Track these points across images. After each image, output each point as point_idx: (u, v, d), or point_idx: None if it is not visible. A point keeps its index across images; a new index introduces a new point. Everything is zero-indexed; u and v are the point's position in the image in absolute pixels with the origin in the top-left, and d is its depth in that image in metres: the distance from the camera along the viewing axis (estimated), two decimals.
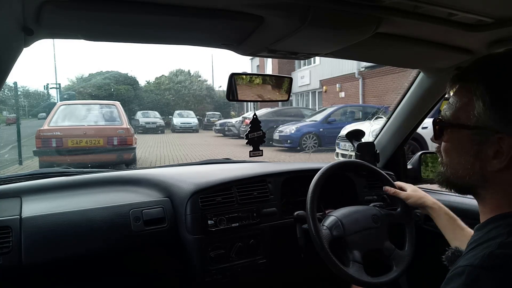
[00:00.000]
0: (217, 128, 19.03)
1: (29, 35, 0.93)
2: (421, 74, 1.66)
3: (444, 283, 0.66)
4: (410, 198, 1.34)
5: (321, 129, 11.27)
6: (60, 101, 13.03)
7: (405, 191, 1.38)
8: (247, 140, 1.54)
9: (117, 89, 23.99)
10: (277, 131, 11.79)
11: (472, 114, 0.71)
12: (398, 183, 1.44)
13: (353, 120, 11.09)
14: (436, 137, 0.80)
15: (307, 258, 1.34)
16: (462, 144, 0.74)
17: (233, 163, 2.00)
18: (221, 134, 17.94)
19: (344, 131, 7.62)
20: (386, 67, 11.78)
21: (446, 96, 0.82)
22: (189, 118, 23.16)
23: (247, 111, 21.05)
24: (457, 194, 1.65)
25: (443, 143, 0.79)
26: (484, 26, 1.00)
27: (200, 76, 31.30)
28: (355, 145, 1.86)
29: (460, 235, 1.14)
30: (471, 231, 1.13)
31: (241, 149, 11.34)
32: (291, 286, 1.71)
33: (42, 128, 7.19)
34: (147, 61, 68.08)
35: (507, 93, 0.67)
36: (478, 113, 0.70)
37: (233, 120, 17.71)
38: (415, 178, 1.88)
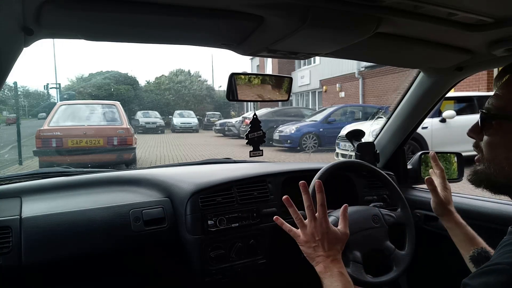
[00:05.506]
0: (217, 128, 19.04)
1: (29, 35, 0.93)
2: (421, 74, 1.66)
3: (476, 275, 0.63)
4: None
5: (321, 129, 11.28)
6: (60, 101, 13.04)
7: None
8: (247, 140, 1.54)
9: (117, 89, 24.01)
10: (277, 131, 11.80)
11: None
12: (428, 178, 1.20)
13: (353, 120, 11.11)
14: (481, 130, 0.74)
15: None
16: None
17: (233, 163, 1.99)
18: (221, 134, 17.95)
19: (344, 131, 7.63)
20: (386, 67, 11.80)
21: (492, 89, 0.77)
22: (189, 118, 23.18)
23: (247, 111, 21.08)
24: (457, 194, 1.66)
25: (486, 137, 0.74)
26: (484, 26, 1.00)
27: (200, 76, 31.38)
28: (355, 145, 1.86)
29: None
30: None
31: (241, 149, 11.34)
32: (291, 286, 1.70)
33: (42, 128, 7.20)
34: (147, 61, 68.34)
35: None
36: None
37: (233, 120, 17.72)
38: (415, 178, 1.88)
